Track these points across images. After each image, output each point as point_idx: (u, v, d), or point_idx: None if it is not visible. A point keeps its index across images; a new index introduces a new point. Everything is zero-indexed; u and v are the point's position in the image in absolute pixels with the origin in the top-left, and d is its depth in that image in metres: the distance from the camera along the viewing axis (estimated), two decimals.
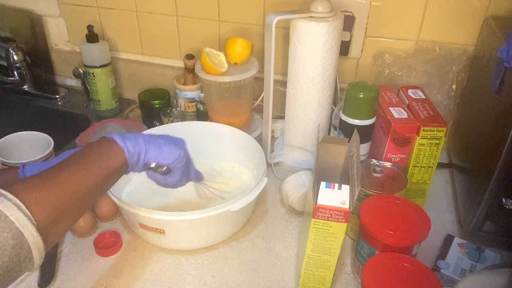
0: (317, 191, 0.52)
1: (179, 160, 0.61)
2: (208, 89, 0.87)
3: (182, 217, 0.63)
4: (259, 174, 0.72)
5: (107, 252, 0.69)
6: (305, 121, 0.82)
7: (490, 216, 0.66)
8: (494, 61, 0.64)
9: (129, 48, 1.09)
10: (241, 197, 0.65)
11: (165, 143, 0.60)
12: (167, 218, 0.63)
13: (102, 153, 0.52)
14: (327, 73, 0.77)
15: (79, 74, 1.04)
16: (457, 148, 0.86)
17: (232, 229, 0.72)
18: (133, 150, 0.55)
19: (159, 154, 0.58)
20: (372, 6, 0.86)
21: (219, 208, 0.63)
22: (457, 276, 0.64)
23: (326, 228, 0.53)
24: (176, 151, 0.60)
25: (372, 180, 0.68)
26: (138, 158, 0.56)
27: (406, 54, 0.87)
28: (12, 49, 1.07)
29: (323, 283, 0.60)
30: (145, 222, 0.66)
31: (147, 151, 0.57)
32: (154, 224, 0.65)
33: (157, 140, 0.59)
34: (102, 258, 0.68)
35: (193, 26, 1.00)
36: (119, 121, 0.95)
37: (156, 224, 0.65)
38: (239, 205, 0.65)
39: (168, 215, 0.63)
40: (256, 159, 0.78)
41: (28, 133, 0.81)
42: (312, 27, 0.72)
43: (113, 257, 0.69)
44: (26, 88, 1.13)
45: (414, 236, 0.57)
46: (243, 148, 0.82)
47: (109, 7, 1.04)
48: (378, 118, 0.74)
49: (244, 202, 0.65)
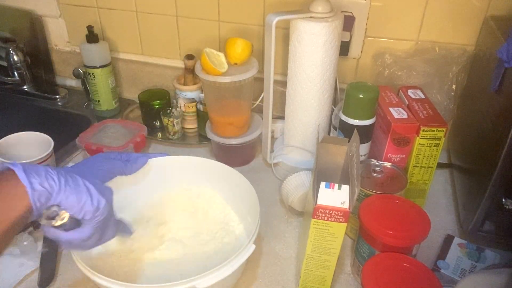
0: (317, 191, 0.52)
1: (98, 213, 0.48)
2: (208, 89, 0.87)
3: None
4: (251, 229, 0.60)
5: None
6: (305, 121, 0.82)
7: (490, 216, 0.66)
8: (494, 61, 0.64)
9: (129, 48, 1.09)
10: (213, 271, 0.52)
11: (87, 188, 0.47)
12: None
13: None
14: (327, 73, 0.77)
15: (79, 74, 1.04)
16: (457, 148, 0.86)
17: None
18: (40, 188, 0.43)
19: (77, 200, 0.46)
20: (372, 6, 0.86)
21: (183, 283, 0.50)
22: (457, 276, 0.64)
23: (326, 228, 0.53)
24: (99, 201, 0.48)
25: (372, 180, 0.68)
26: (46, 201, 0.44)
27: (406, 54, 0.87)
28: (12, 50, 1.07)
29: (323, 283, 0.60)
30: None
31: (60, 192, 0.45)
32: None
33: (77, 181, 0.47)
34: None
35: (193, 26, 1.00)
36: (119, 121, 0.95)
37: None
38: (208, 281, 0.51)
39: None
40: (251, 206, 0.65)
41: (28, 133, 0.81)
42: (312, 27, 0.72)
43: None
44: (26, 88, 1.13)
45: (414, 236, 0.57)
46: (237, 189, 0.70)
47: (109, 7, 1.04)
48: (378, 118, 0.74)
49: (214, 278, 0.51)
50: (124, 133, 0.91)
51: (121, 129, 0.92)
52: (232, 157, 0.90)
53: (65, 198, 0.45)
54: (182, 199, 0.74)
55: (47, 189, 0.44)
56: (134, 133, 0.90)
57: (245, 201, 0.69)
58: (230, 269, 0.53)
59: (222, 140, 0.88)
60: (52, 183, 0.44)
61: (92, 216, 0.48)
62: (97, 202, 0.48)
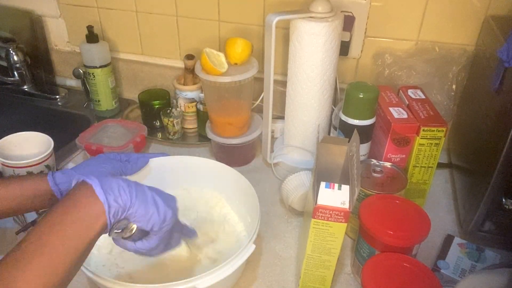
0: (317, 191, 0.52)
1: (165, 224, 0.48)
2: (208, 89, 0.87)
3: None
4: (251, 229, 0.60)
5: None
6: (305, 121, 0.82)
7: (490, 216, 0.66)
8: (494, 61, 0.64)
9: (129, 48, 1.09)
10: (213, 271, 0.52)
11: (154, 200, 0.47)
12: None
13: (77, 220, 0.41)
14: (327, 73, 0.77)
15: (79, 74, 1.04)
16: (457, 148, 0.86)
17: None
18: (115, 204, 0.43)
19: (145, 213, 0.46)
20: (372, 6, 0.86)
21: (184, 283, 0.50)
22: (457, 276, 0.64)
23: (326, 228, 0.53)
24: (165, 213, 0.48)
25: (372, 180, 0.68)
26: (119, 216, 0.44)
27: (406, 54, 0.87)
28: (12, 49, 1.07)
29: (323, 283, 0.60)
30: None
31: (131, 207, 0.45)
32: None
33: (145, 193, 0.47)
34: None
35: (193, 26, 1.00)
36: (119, 121, 0.95)
37: None
38: (208, 281, 0.51)
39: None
40: (251, 206, 0.66)
41: (28, 133, 0.81)
42: (312, 27, 0.72)
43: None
44: (26, 88, 1.13)
45: (414, 236, 0.57)
46: (238, 191, 0.71)
47: (109, 7, 1.04)
48: (378, 118, 0.74)
49: (215, 278, 0.52)
50: (124, 133, 0.91)
51: (121, 129, 0.92)
52: (232, 157, 0.90)
53: (134, 211, 0.45)
54: (182, 199, 0.74)
55: (121, 205, 0.44)
56: (134, 133, 0.90)
57: (245, 201, 0.69)
58: (230, 269, 0.53)
59: (222, 140, 0.88)
60: (125, 198, 0.44)
61: (159, 227, 0.48)
62: (164, 214, 0.48)
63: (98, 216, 0.42)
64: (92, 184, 0.43)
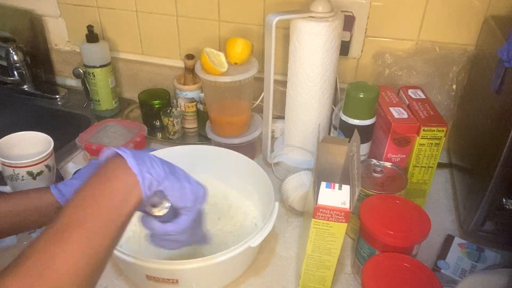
0: (317, 191, 0.52)
1: (198, 202, 0.48)
2: (208, 89, 0.87)
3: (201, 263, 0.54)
4: (265, 204, 0.66)
5: None
6: (305, 121, 0.82)
7: (490, 216, 0.66)
8: (494, 61, 0.64)
9: (129, 48, 1.09)
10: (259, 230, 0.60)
11: (186, 176, 0.47)
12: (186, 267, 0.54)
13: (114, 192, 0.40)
14: (327, 73, 0.76)
15: (79, 74, 1.04)
16: (457, 148, 0.86)
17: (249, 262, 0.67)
18: (148, 176, 0.42)
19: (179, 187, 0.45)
20: (372, 6, 0.86)
21: (240, 246, 0.57)
22: (457, 276, 0.64)
23: (326, 228, 0.53)
24: (199, 191, 0.48)
25: (372, 180, 0.68)
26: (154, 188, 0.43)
27: (406, 54, 0.87)
28: (12, 49, 1.07)
29: (323, 283, 0.60)
30: (154, 274, 0.57)
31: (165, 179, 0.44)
32: (166, 275, 0.56)
33: (175, 169, 0.47)
34: None
35: (193, 26, 1.00)
36: (119, 121, 0.95)
37: (168, 275, 0.56)
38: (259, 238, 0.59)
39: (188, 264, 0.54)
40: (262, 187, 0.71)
41: (28, 133, 0.81)
42: (312, 27, 0.72)
43: (113, 257, 0.69)
44: (26, 88, 1.13)
45: (414, 236, 0.57)
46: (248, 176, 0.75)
47: (109, 7, 1.04)
48: (378, 118, 0.74)
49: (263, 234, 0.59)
50: (124, 133, 0.91)
51: (121, 129, 0.92)
52: None
53: (170, 185, 0.44)
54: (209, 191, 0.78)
55: (155, 177, 0.42)
56: (134, 133, 0.90)
57: (260, 188, 0.73)
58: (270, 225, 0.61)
59: (222, 140, 0.88)
60: (159, 170, 0.43)
61: (192, 204, 0.47)
62: (196, 190, 0.47)
63: (133, 187, 0.41)
64: (124, 155, 0.42)
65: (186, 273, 0.56)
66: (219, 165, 0.78)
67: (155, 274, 0.56)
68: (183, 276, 0.57)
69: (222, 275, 0.62)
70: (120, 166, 0.41)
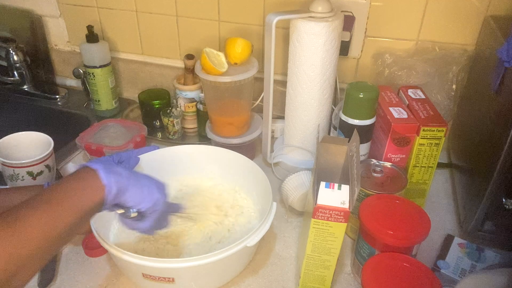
0: (317, 191, 0.52)
1: (156, 207, 0.55)
2: (208, 89, 0.87)
3: (196, 262, 0.55)
4: (264, 204, 0.67)
5: (96, 252, 0.68)
6: (305, 121, 0.82)
7: (490, 216, 0.66)
8: (494, 61, 0.64)
9: (129, 48, 1.09)
10: (255, 230, 0.60)
11: (147, 186, 0.54)
12: (182, 266, 0.55)
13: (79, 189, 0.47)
14: (327, 73, 0.77)
15: (79, 74, 1.04)
16: (457, 148, 0.86)
17: (247, 262, 0.67)
18: (115, 186, 0.49)
19: (139, 197, 0.52)
20: (372, 6, 0.86)
21: (236, 246, 0.57)
22: (457, 276, 0.64)
23: (326, 228, 0.53)
24: (156, 197, 0.54)
25: (372, 180, 0.68)
26: (115, 197, 0.50)
27: (406, 54, 0.87)
28: (12, 49, 1.07)
29: (323, 283, 0.60)
30: (150, 272, 0.57)
31: (127, 191, 0.51)
32: (162, 274, 0.57)
33: (139, 180, 0.53)
34: (102, 258, 0.68)
35: (193, 26, 1.00)
36: (119, 121, 0.95)
37: (164, 273, 0.57)
38: (255, 238, 0.59)
39: (183, 262, 0.55)
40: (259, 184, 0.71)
41: (28, 133, 0.81)
42: (312, 27, 0.72)
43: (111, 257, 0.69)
44: (26, 88, 1.13)
45: (414, 236, 0.57)
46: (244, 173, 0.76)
47: (109, 7, 1.04)
48: (378, 118, 0.74)
49: (260, 234, 0.60)
50: (124, 133, 0.91)
51: (121, 129, 0.92)
52: None
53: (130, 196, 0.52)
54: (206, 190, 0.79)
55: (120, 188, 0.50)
56: (134, 133, 0.90)
57: (258, 188, 0.73)
58: (267, 224, 0.61)
59: (222, 140, 0.88)
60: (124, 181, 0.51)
61: (153, 208, 0.54)
62: (155, 199, 0.54)
63: (99, 191, 0.48)
64: (96, 168, 0.49)
65: (182, 271, 0.57)
66: (219, 165, 0.79)
67: (151, 272, 0.57)
68: (179, 275, 0.58)
69: (219, 274, 0.62)
70: (90, 173, 0.49)
